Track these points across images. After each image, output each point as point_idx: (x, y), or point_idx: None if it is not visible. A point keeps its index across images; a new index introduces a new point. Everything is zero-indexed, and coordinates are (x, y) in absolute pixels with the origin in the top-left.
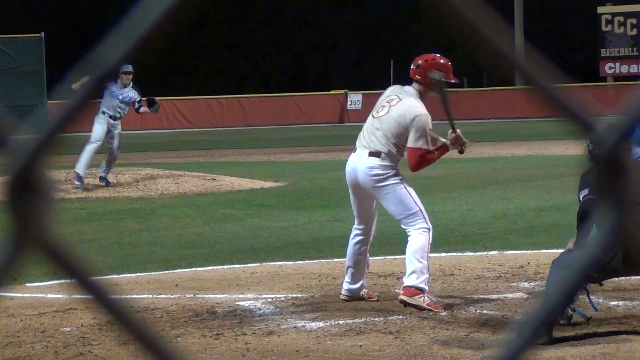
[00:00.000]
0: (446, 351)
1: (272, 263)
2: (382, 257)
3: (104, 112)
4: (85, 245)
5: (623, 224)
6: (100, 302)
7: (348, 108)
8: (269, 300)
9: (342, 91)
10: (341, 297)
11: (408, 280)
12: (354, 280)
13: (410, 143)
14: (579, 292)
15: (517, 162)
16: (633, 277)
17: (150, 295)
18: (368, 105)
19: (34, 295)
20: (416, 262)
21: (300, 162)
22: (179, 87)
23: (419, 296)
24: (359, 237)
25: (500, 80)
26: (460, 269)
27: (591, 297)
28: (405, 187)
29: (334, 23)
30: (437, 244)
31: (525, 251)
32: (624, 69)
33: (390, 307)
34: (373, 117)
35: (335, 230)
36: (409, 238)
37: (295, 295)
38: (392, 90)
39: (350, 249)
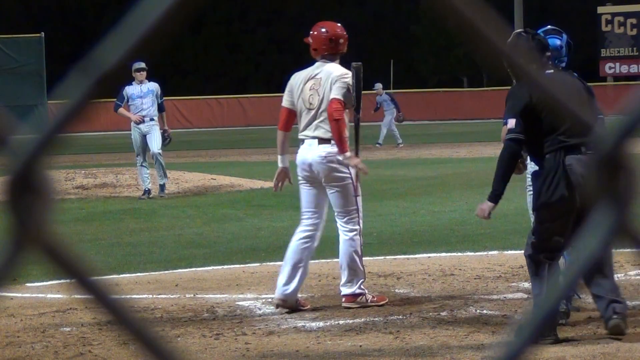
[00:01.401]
0: (446, 351)
1: (272, 263)
2: (382, 257)
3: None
4: (85, 245)
5: (623, 224)
6: (100, 302)
7: None
8: (269, 300)
9: None
10: (276, 301)
11: (346, 290)
12: (294, 279)
13: (335, 94)
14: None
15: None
16: (633, 277)
17: (150, 295)
18: (368, 106)
19: (34, 295)
20: (350, 270)
21: None
22: (179, 87)
23: (359, 298)
24: (307, 234)
25: (500, 80)
26: (460, 269)
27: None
28: (353, 182)
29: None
30: (437, 244)
31: None
32: (624, 69)
33: (390, 307)
34: (309, 109)
35: (335, 230)
36: (341, 238)
37: None
38: (305, 77)
39: (297, 245)
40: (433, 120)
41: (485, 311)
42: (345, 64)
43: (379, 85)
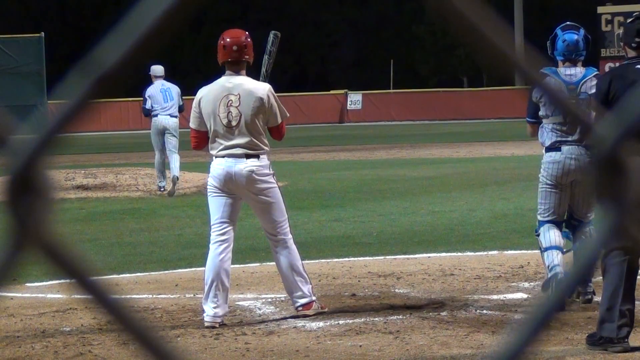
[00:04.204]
0: (446, 351)
1: (272, 263)
2: (382, 257)
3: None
4: (85, 245)
5: (623, 224)
6: (100, 302)
7: (348, 108)
8: (269, 300)
9: (342, 91)
10: (207, 324)
11: (302, 299)
12: (223, 301)
13: (275, 121)
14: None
15: (517, 162)
16: None
17: (150, 295)
18: (368, 106)
19: (34, 295)
20: (300, 280)
21: (300, 162)
22: (179, 87)
23: (314, 305)
24: (226, 245)
25: (500, 80)
26: (460, 269)
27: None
28: (280, 191)
29: (333, 21)
30: (437, 244)
31: (525, 251)
32: None
33: (390, 307)
34: (229, 127)
35: (335, 230)
36: (276, 253)
37: None
38: (217, 93)
39: (215, 262)
40: (433, 120)
41: (485, 311)
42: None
43: None
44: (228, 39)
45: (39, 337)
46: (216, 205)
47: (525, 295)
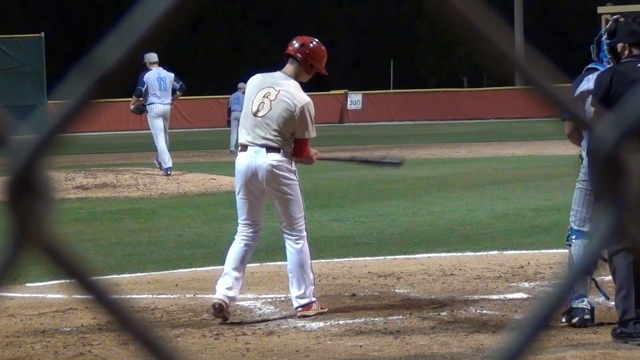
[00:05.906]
0: (446, 351)
1: (272, 263)
2: (382, 257)
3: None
4: (85, 245)
5: (623, 224)
6: (100, 302)
7: (348, 108)
8: (269, 300)
9: (342, 91)
10: (215, 300)
11: (302, 300)
12: (236, 287)
13: (300, 134)
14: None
15: (517, 162)
16: None
17: (150, 295)
18: (368, 106)
19: (34, 295)
20: (302, 280)
21: None
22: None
23: (314, 306)
24: (247, 241)
25: (500, 80)
26: (460, 269)
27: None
28: (300, 189)
29: (332, 21)
30: (437, 244)
31: (525, 251)
32: None
33: (390, 307)
34: (255, 115)
35: (335, 230)
36: (289, 248)
37: None
38: (262, 82)
39: (236, 251)
40: (433, 120)
41: (485, 311)
42: None
43: (242, 85)
44: (296, 39)
45: (39, 337)
46: (241, 206)
47: (525, 295)
